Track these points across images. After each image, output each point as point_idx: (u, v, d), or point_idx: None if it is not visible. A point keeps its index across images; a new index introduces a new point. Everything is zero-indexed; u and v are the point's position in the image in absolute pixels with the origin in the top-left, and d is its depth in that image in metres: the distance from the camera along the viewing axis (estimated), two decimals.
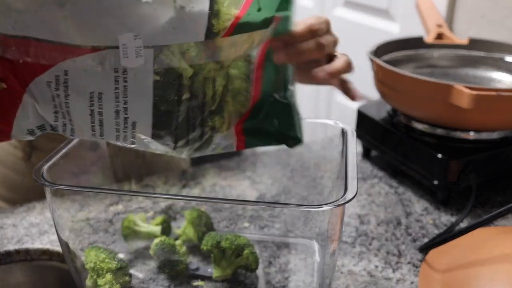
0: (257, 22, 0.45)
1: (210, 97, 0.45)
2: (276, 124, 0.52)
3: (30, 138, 0.45)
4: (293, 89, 0.52)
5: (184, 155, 0.48)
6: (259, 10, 0.44)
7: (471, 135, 0.73)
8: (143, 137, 0.44)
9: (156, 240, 0.55)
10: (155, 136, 0.44)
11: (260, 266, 0.57)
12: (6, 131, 0.43)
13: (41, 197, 0.74)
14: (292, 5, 0.47)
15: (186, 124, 0.45)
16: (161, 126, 0.44)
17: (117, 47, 0.39)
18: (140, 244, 0.59)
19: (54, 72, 0.40)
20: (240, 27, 0.43)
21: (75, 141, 0.54)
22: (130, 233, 0.58)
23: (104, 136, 0.44)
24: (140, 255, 0.58)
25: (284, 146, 0.53)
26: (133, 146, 0.45)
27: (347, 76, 0.60)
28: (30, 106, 0.43)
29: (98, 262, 0.51)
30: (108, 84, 0.41)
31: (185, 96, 0.43)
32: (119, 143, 0.45)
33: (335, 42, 0.57)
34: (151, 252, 0.55)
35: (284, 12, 0.46)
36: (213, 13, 0.41)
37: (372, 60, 0.77)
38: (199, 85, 0.44)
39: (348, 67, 0.57)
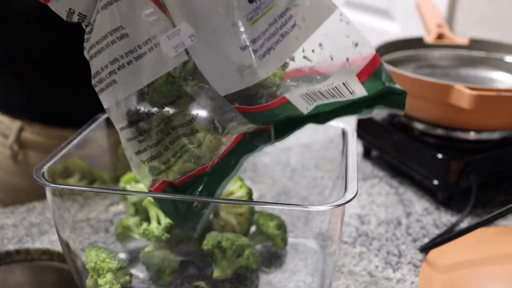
0: None
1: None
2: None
3: (65, 16, 0.43)
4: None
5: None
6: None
7: (472, 135, 0.73)
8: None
9: (145, 250, 0.55)
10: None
11: (260, 266, 0.57)
12: None
13: (29, 196, 0.74)
14: None
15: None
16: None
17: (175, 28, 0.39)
18: (139, 244, 0.59)
19: None
20: None
21: (75, 141, 0.54)
22: (124, 237, 0.58)
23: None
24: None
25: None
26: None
27: None
28: None
29: (98, 262, 0.51)
30: (144, 33, 0.40)
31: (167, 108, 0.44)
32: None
33: None
34: (141, 258, 0.55)
35: None
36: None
37: None
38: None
39: None
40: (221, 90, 0.41)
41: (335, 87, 0.41)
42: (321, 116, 0.47)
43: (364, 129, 0.82)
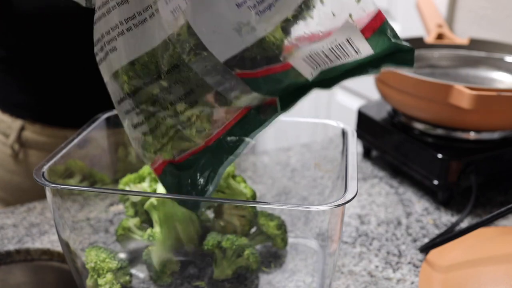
0: None
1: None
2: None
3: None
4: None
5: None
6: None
7: (472, 135, 0.73)
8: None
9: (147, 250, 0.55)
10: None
11: (260, 266, 0.57)
12: None
13: (30, 195, 0.74)
14: None
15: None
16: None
17: None
18: (139, 244, 0.59)
19: None
20: None
21: (75, 141, 0.54)
22: (125, 239, 0.58)
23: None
24: (140, 255, 0.58)
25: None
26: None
27: None
28: None
29: (98, 262, 0.51)
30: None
31: (163, 82, 0.43)
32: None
33: None
34: (143, 257, 0.55)
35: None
36: None
37: None
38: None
39: None
40: (221, 54, 0.40)
41: (339, 44, 0.40)
42: (327, 80, 0.45)
43: (364, 129, 0.82)
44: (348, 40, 0.40)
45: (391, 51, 0.40)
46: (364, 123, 0.82)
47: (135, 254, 0.59)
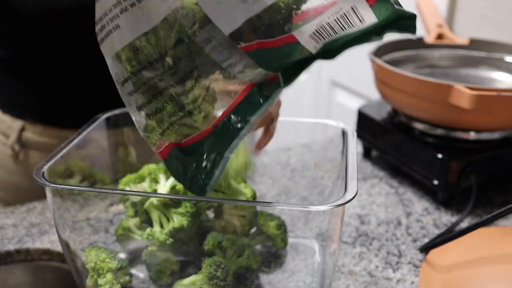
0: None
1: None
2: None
3: None
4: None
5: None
6: None
7: (472, 135, 0.73)
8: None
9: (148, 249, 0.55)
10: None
11: (260, 266, 0.57)
12: None
13: (30, 195, 0.74)
14: None
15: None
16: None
17: None
18: (139, 244, 0.59)
19: None
20: None
21: (75, 141, 0.54)
22: (125, 239, 0.58)
23: None
24: (140, 255, 0.58)
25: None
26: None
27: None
28: None
29: (98, 262, 0.51)
30: None
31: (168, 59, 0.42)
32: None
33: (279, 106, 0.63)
34: (143, 257, 0.55)
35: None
36: None
37: (372, 61, 0.77)
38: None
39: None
40: (225, 26, 0.40)
41: (344, 14, 0.40)
42: (329, 51, 0.46)
43: (364, 129, 0.82)
44: (352, 8, 0.40)
45: (394, 18, 0.41)
46: (364, 123, 0.82)
47: (135, 254, 0.59)
